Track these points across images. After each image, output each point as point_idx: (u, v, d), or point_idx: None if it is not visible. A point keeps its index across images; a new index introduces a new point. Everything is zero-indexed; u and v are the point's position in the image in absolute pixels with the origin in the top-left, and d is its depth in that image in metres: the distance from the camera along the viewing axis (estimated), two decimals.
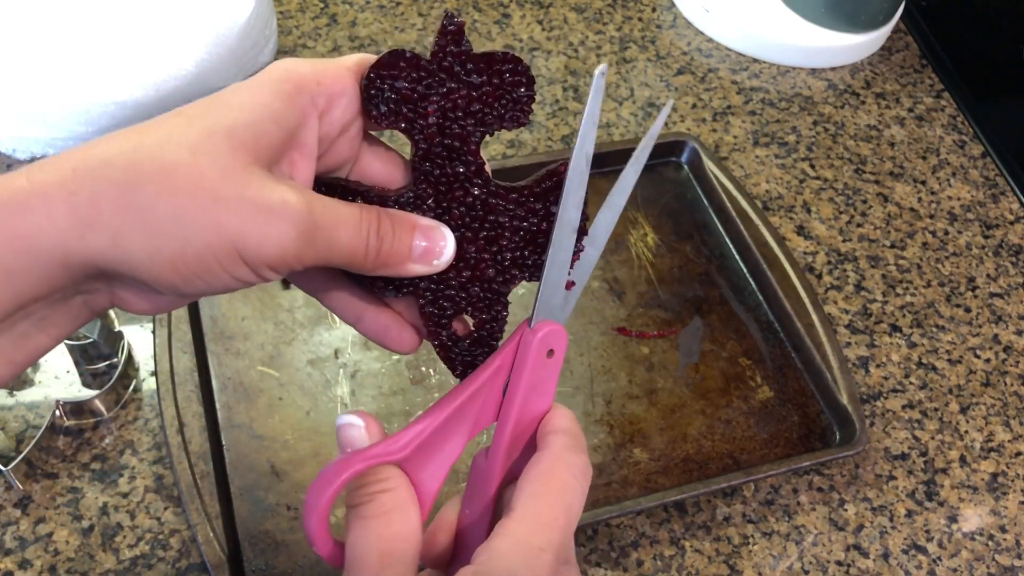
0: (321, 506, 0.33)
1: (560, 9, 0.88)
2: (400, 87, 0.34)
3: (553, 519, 0.32)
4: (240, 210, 0.29)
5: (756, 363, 0.65)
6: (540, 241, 0.37)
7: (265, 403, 0.59)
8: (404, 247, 0.34)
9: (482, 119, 0.35)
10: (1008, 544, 0.60)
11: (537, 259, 0.37)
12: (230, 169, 0.30)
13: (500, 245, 0.37)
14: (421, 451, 0.34)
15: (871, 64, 0.88)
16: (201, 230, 0.29)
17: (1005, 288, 0.73)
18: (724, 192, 0.72)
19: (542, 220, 0.37)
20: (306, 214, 0.31)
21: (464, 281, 0.37)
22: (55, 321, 0.32)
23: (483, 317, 0.37)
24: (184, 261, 0.29)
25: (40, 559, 0.53)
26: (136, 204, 0.29)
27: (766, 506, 0.60)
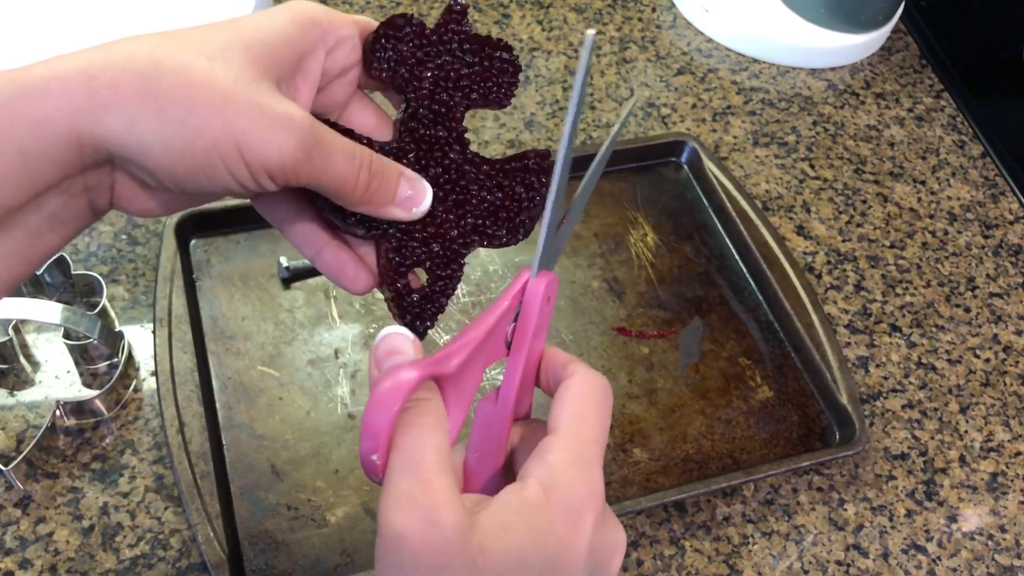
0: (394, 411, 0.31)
1: (560, 9, 0.88)
2: (402, 49, 0.37)
3: (595, 435, 0.34)
4: (248, 113, 0.32)
5: (756, 363, 0.65)
6: (502, 216, 0.39)
7: (265, 403, 0.59)
8: (390, 189, 0.36)
9: (468, 94, 0.39)
10: (1008, 544, 0.60)
11: (497, 230, 0.40)
12: (243, 77, 0.32)
13: (466, 210, 0.39)
14: (462, 370, 0.35)
15: (871, 64, 0.88)
16: (211, 126, 0.31)
17: (1005, 288, 0.73)
18: (724, 192, 0.72)
19: (507, 197, 0.39)
20: (308, 129, 0.33)
21: (427, 236, 0.38)
22: (63, 219, 0.33)
23: (438, 273, 0.39)
24: (192, 153, 0.31)
25: (40, 559, 0.53)
26: (154, 93, 0.31)
27: (766, 506, 0.60)
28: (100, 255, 0.66)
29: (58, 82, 0.30)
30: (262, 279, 0.65)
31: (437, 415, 0.33)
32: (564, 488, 0.32)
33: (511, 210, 0.40)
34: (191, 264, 0.64)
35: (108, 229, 0.67)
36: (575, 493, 0.32)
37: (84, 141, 0.31)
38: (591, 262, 0.69)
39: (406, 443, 0.31)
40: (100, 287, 0.62)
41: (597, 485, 0.33)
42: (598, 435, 0.34)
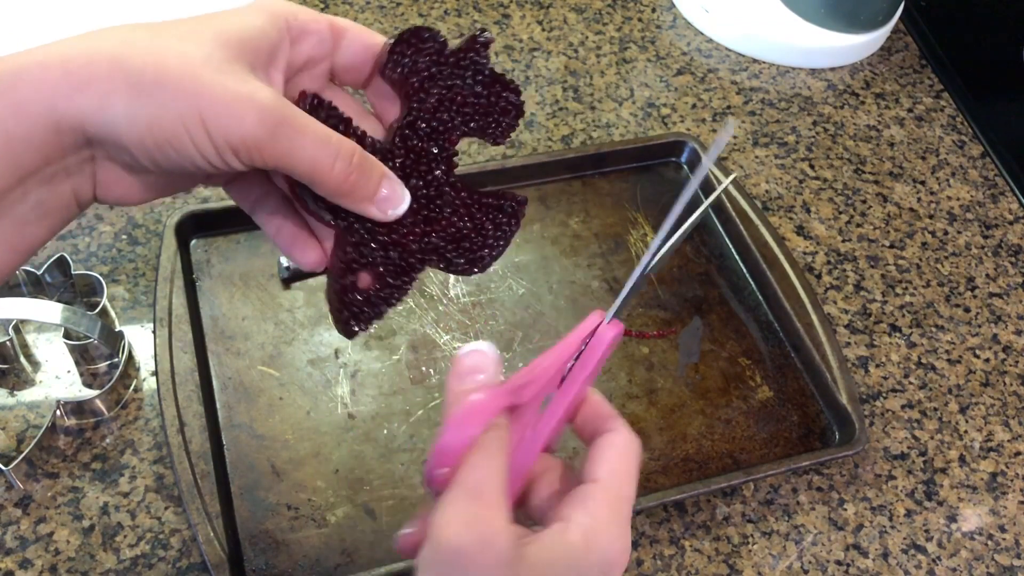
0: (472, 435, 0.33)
1: (560, 9, 0.88)
2: (419, 61, 0.39)
3: (631, 495, 0.35)
4: (214, 88, 0.32)
5: (756, 363, 0.65)
6: (465, 245, 0.40)
7: (265, 403, 0.59)
8: (371, 186, 0.37)
9: (467, 121, 0.40)
10: (1007, 544, 0.60)
11: (456, 257, 0.40)
12: (213, 57, 0.33)
13: (433, 228, 0.39)
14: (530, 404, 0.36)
15: (871, 64, 0.88)
16: (177, 99, 0.32)
17: (1004, 288, 0.73)
18: (724, 192, 0.72)
19: (475, 229, 0.40)
20: (271, 108, 0.33)
21: (389, 242, 0.39)
22: (49, 209, 0.34)
23: (388, 281, 0.39)
24: (160, 125, 0.32)
25: (41, 559, 0.53)
26: (124, 70, 0.32)
27: (766, 506, 0.60)
28: (100, 255, 0.66)
29: (37, 67, 0.31)
30: (262, 279, 0.65)
31: (505, 443, 0.34)
32: (605, 543, 0.34)
33: (475, 242, 0.40)
34: (191, 264, 0.64)
35: (108, 229, 0.67)
36: (613, 550, 0.34)
37: (62, 123, 0.32)
38: (591, 262, 0.69)
39: (477, 465, 0.33)
40: (100, 287, 0.62)
41: (628, 545, 0.35)
42: (633, 496, 0.36)
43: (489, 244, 0.41)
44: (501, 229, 0.41)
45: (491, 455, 0.33)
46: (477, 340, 0.37)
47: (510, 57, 0.83)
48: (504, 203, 0.41)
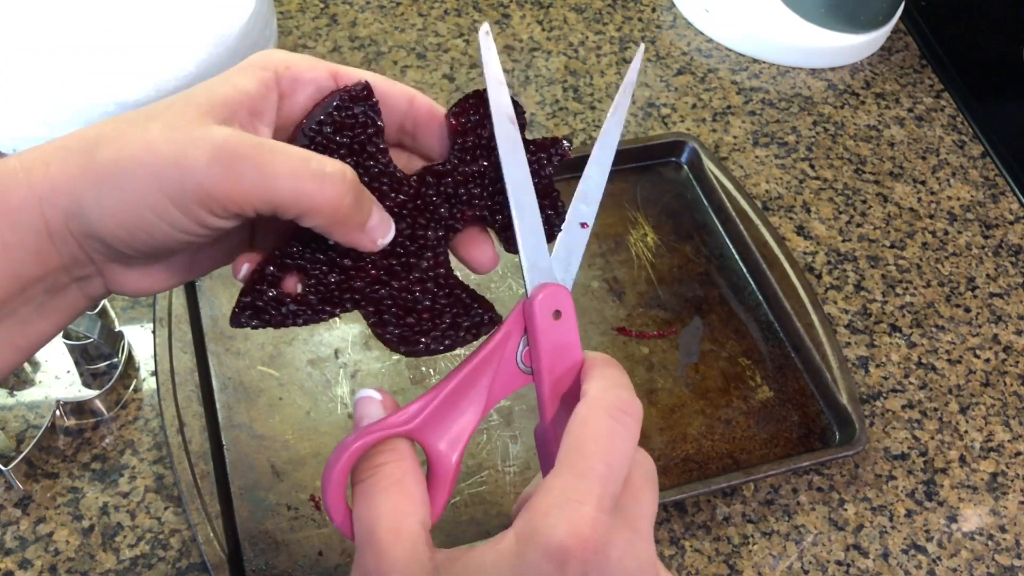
0: (333, 479, 0.33)
1: (560, 9, 0.88)
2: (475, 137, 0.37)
3: (588, 469, 0.31)
4: (162, 147, 0.30)
5: (756, 363, 0.65)
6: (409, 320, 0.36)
7: (265, 403, 0.59)
8: (364, 214, 0.33)
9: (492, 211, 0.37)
10: (1008, 544, 0.60)
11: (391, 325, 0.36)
12: (175, 123, 0.31)
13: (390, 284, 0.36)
14: (431, 422, 0.34)
15: (871, 64, 0.88)
16: (132, 175, 0.30)
17: (1005, 288, 0.73)
18: (724, 192, 0.72)
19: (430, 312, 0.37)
20: (222, 143, 0.30)
21: (337, 263, 0.35)
22: (54, 307, 0.33)
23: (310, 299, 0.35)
24: (121, 209, 0.31)
25: (40, 559, 0.53)
26: (91, 165, 0.31)
27: (766, 506, 0.60)
28: None
29: (24, 174, 0.31)
30: None
31: (391, 479, 0.32)
32: (541, 535, 0.29)
33: (421, 325, 0.36)
34: None
35: None
36: (552, 539, 0.29)
37: (52, 227, 0.31)
38: (591, 262, 0.69)
39: (360, 514, 0.32)
40: None
41: (584, 527, 0.29)
42: (593, 469, 0.31)
43: (434, 336, 0.37)
44: (455, 330, 0.37)
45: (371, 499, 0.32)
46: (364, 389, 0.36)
47: (510, 57, 0.83)
48: (476, 309, 0.37)
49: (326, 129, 0.34)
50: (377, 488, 0.32)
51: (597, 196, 0.38)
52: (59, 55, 0.66)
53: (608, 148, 0.39)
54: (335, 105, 0.35)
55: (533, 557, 0.29)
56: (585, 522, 0.29)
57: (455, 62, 0.82)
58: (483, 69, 0.37)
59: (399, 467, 0.33)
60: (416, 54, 0.82)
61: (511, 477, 0.58)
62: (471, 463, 0.58)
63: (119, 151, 0.31)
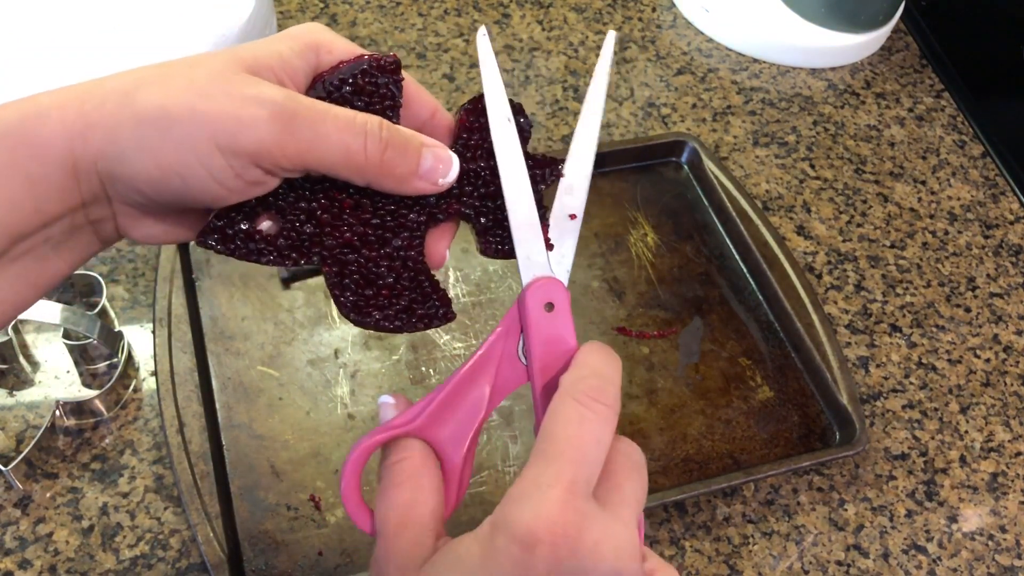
0: (346, 480, 0.35)
1: (560, 9, 0.88)
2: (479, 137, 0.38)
3: (558, 454, 0.31)
4: (217, 98, 0.31)
5: (756, 363, 0.65)
6: (367, 292, 0.37)
7: (265, 403, 0.59)
8: (411, 160, 0.34)
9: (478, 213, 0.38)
10: (1008, 544, 0.60)
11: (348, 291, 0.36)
12: (220, 71, 0.32)
13: (361, 252, 0.36)
14: (435, 419, 0.35)
15: (871, 64, 0.88)
16: (181, 120, 0.31)
17: (1005, 288, 0.73)
18: (724, 192, 0.72)
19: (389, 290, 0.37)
20: (281, 101, 0.31)
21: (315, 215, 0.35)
22: (71, 247, 0.34)
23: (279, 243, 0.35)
24: (164, 152, 0.31)
25: (40, 559, 0.53)
26: (132, 104, 0.31)
27: (766, 506, 0.60)
28: (100, 255, 0.65)
29: (56, 108, 0.31)
30: (262, 279, 0.65)
31: (404, 475, 0.34)
32: (511, 521, 0.29)
33: (379, 299, 0.37)
34: (191, 264, 0.64)
35: None
36: (520, 523, 0.29)
37: (79, 164, 0.32)
38: (591, 262, 0.69)
39: (377, 510, 0.34)
40: (100, 287, 0.62)
41: (553, 510, 0.29)
42: (563, 454, 0.31)
43: (386, 314, 0.37)
44: (408, 315, 0.37)
45: (386, 495, 0.34)
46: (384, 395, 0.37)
47: (510, 57, 0.83)
48: (434, 300, 0.37)
49: (346, 88, 0.35)
50: (392, 484, 0.34)
51: (583, 186, 0.38)
52: (59, 55, 0.66)
53: (588, 139, 0.38)
54: (362, 69, 0.35)
55: (503, 543, 0.29)
56: (553, 506, 0.29)
57: (455, 62, 0.82)
58: (480, 70, 0.37)
59: (411, 463, 0.34)
60: (416, 54, 0.82)
61: (511, 477, 0.58)
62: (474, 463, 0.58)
63: (166, 96, 0.31)
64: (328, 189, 0.35)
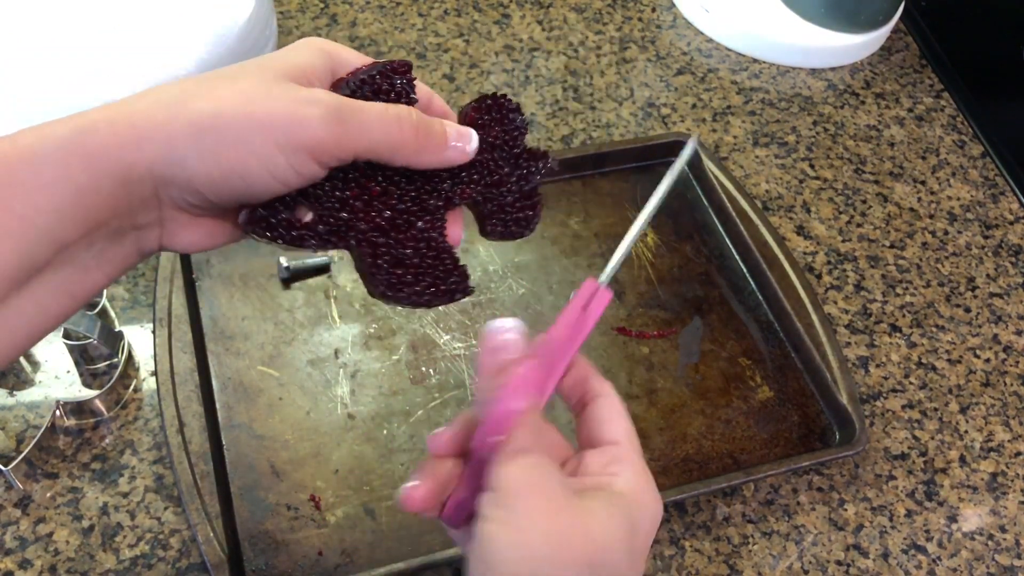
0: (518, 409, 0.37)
1: (560, 9, 0.88)
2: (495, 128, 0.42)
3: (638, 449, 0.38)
4: (269, 103, 0.34)
5: (756, 363, 0.65)
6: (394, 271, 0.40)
7: (265, 403, 0.59)
8: (440, 136, 0.39)
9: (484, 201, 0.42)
10: (1008, 544, 0.60)
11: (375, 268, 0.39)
12: (263, 79, 0.35)
13: (388, 236, 0.39)
14: None
15: (871, 64, 0.88)
16: (238, 124, 0.34)
17: (1005, 288, 0.73)
18: (724, 192, 0.72)
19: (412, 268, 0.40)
20: (332, 102, 0.35)
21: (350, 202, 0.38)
22: (110, 257, 0.35)
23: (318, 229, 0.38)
24: (225, 155, 0.33)
25: (40, 559, 0.53)
26: (185, 113, 0.33)
27: (766, 506, 0.60)
28: None
29: (105, 123, 0.33)
30: (262, 279, 0.65)
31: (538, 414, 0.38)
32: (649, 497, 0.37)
33: (406, 277, 0.40)
34: (191, 264, 0.64)
35: None
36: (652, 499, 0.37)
37: (132, 172, 0.33)
38: (591, 262, 0.69)
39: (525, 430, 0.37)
40: None
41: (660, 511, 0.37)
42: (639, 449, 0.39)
43: (415, 291, 0.40)
44: (434, 290, 0.40)
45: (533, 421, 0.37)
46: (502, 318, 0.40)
47: (510, 57, 0.83)
48: (455, 276, 0.41)
49: (366, 88, 0.39)
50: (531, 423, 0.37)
51: None
52: (59, 55, 0.66)
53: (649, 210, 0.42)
54: (379, 70, 0.39)
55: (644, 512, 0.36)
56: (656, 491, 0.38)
57: (455, 62, 0.82)
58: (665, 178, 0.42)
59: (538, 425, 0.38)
60: (416, 54, 0.82)
61: None
62: None
63: (217, 103, 0.34)
64: (359, 179, 0.38)
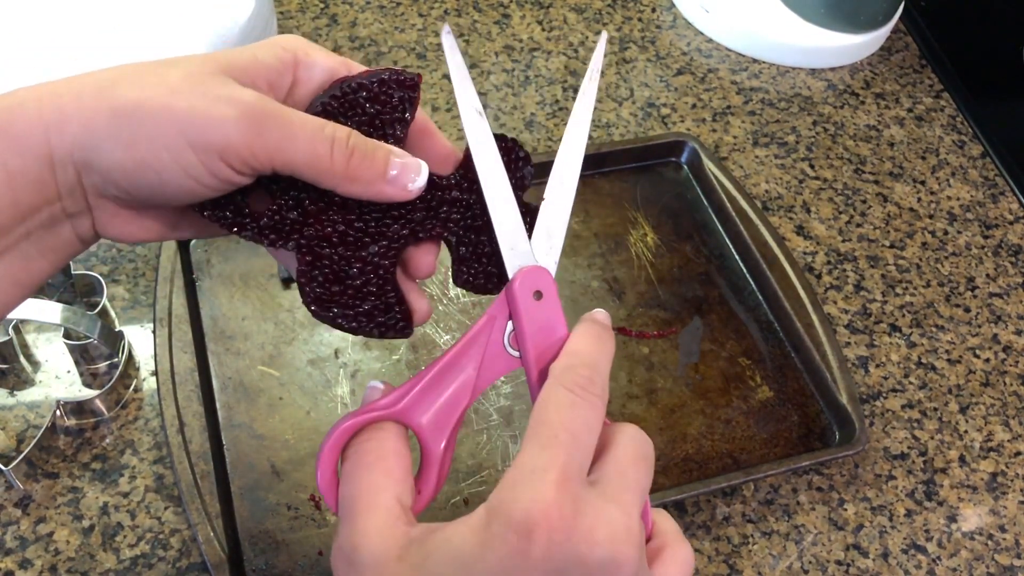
0: (323, 457, 0.34)
1: (560, 9, 0.88)
2: None
3: (551, 439, 0.31)
4: (191, 98, 0.32)
5: (756, 363, 0.65)
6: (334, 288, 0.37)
7: (265, 403, 0.59)
8: (378, 167, 0.35)
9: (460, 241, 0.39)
10: (1007, 544, 0.60)
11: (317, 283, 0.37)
12: (195, 72, 0.33)
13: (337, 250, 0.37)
14: (417, 404, 0.36)
15: (871, 64, 0.88)
16: (154, 115, 0.32)
17: (1004, 288, 0.73)
18: (724, 192, 0.72)
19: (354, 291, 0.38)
20: (251, 102, 0.33)
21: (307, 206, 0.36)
22: (52, 245, 0.34)
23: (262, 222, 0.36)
24: (138, 145, 0.32)
25: (40, 559, 0.53)
26: (109, 98, 0.32)
27: (766, 506, 0.60)
28: (100, 255, 0.66)
29: (34, 101, 0.32)
30: (262, 279, 0.65)
31: (372, 456, 0.34)
32: (506, 506, 0.29)
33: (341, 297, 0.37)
34: (191, 264, 0.64)
35: None
36: (517, 509, 0.29)
37: (55, 155, 0.32)
38: (591, 262, 0.69)
39: (342, 491, 0.33)
40: (100, 287, 0.62)
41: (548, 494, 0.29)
42: (556, 437, 0.31)
43: (346, 314, 0.38)
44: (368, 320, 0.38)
45: (352, 476, 0.33)
46: None
47: (510, 57, 0.83)
48: (395, 313, 0.38)
49: (361, 93, 0.36)
50: (359, 465, 0.34)
51: (572, 179, 0.39)
52: (59, 55, 0.66)
53: (579, 132, 0.39)
54: (381, 78, 0.37)
55: (499, 528, 0.29)
56: (549, 490, 0.29)
57: None
58: (448, 66, 0.38)
59: (381, 445, 0.34)
60: (416, 54, 0.82)
61: None
62: (471, 463, 0.58)
63: (141, 91, 0.32)
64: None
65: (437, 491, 0.36)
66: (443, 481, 0.36)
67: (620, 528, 0.30)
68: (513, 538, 0.29)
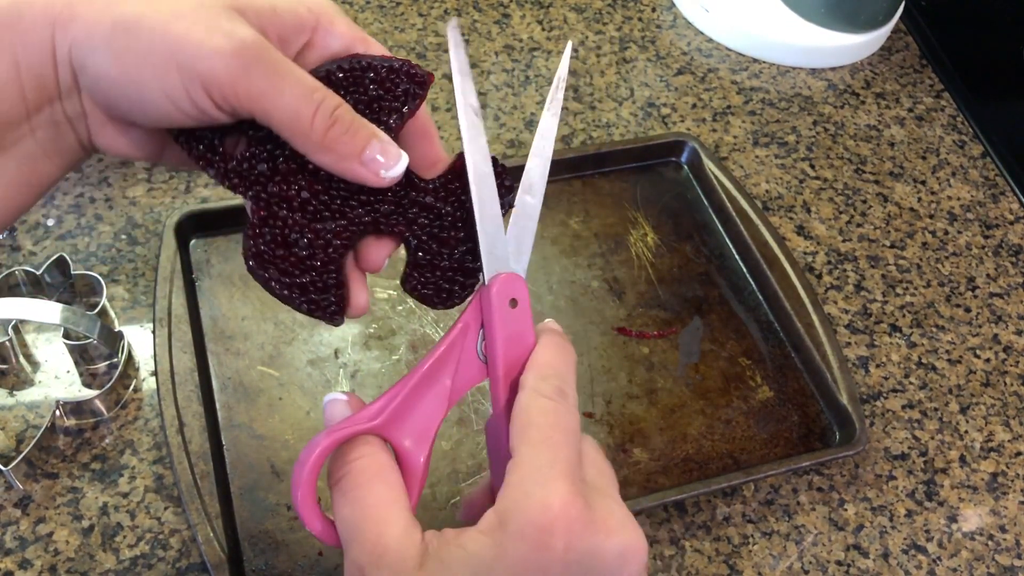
0: (303, 482, 0.33)
1: (560, 9, 0.88)
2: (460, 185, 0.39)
3: (546, 439, 0.32)
4: (191, 24, 0.32)
5: (756, 363, 0.65)
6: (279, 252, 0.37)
7: (265, 403, 0.59)
8: (356, 144, 0.34)
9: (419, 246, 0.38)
10: (1008, 544, 0.60)
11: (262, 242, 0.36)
12: (207, 3, 0.33)
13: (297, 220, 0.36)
14: (396, 417, 0.35)
15: (871, 64, 0.88)
16: (152, 32, 0.32)
17: (1005, 288, 0.73)
18: (724, 192, 0.72)
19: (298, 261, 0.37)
20: (249, 43, 0.32)
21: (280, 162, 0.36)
22: (57, 148, 0.35)
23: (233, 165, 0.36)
24: (127, 57, 0.32)
25: (40, 559, 0.53)
26: (114, 11, 0.32)
27: (766, 506, 0.60)
28: (100, 255, 0.66)
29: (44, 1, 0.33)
30: None
31: (370, 472, 0.33)
32: (519, 506, 0.30)
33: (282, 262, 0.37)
34: (191, 264, 0.64)
35: (108, 229, 0.67)
36: (531, 508, 0.30)
37: (58, 52, 0.33)
38: (591, 262, 0.69)
39: (344, 513, 0.33)
40: (100, 287, 0.62)
41: (559, 496, 0.30)
42: (554, 438, 0.32)
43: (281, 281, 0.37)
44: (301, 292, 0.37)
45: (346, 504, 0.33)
46: None
47: (510, 57, 0.83)
48: (330, 296, 0.37)
49: (369, 74, 0.36)
50: (357, 484, 0.33)
51: (541, 187, 0.39)
52: None
53: (546, 138, 0.39)
54: (392, 65, 0.36)
55: (517, 530, 0.30)
56: (561, 485, 0.30)
57: None
58: (451, 60, 0.38)
59: (375, 460, 0.34)
60: (416, 54, 0.82)
61: None
62: (471, 463, 0.58)
63: (147, 8, 0.32)
64: None
65: (416, 503, 0.36)
66: (421, 492, 0.36)
67: (624, 515, 0.32)
68: (532, 536, 0.30)
